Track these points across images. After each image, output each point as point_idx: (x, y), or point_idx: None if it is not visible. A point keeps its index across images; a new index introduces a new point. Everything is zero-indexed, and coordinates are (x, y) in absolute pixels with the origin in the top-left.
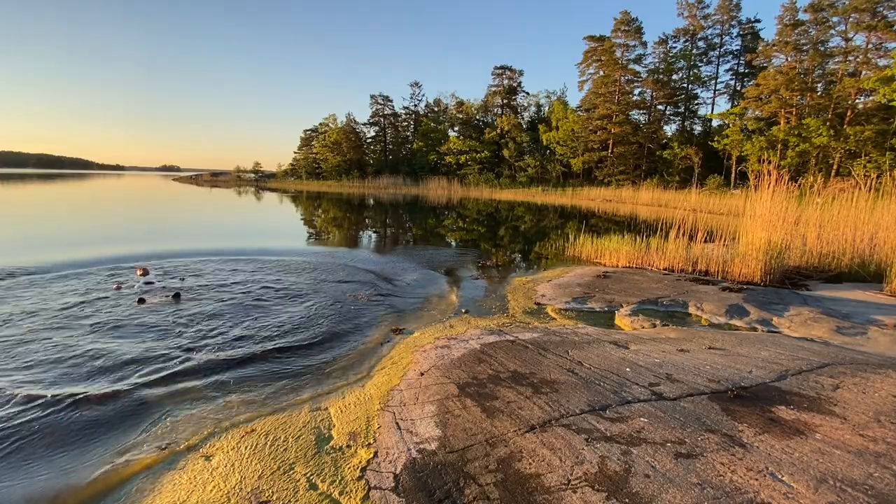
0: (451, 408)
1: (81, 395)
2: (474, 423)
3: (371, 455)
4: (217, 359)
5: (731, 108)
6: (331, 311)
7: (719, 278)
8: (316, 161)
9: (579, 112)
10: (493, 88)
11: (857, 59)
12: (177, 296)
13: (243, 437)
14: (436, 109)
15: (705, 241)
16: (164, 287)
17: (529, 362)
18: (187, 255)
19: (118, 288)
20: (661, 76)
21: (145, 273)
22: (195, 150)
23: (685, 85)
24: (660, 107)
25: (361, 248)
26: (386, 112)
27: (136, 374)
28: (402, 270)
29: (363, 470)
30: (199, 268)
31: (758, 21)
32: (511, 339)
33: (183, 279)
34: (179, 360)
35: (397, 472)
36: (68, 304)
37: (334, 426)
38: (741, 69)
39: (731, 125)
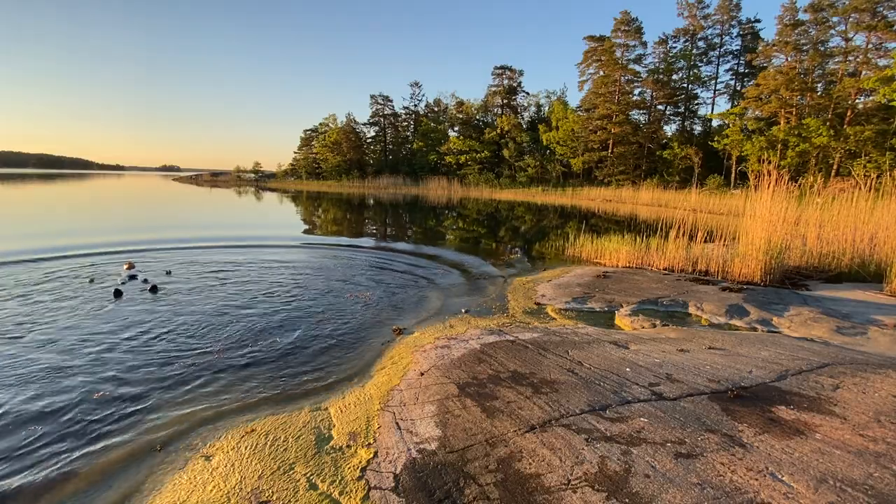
0: (451, 408)
1: (76, 396)
2: (474, 423)
3: (371, 455)
4: (215, 358)
5: (731, 108)
6: (330, 310)
7: (719, 278)
8: (316, 161)
9: (579, 112)
10: (493, 88)
11: (857, 59)
12: (153, 289)
13: (243, 437)
14: (436, 109)
15: (705, 241)
16: (145, 280)
17: (529, 362)
18: (182, 251)
19: (91, 281)
20: (661, 76)
21: (132, 267)
22: (195, 150)
23: (685, 85)
24: (660, 107)
25: (361, 248)
26: (386, 112)
27: (131, 374)
28: (401, 270)
29: (363, 470)
30: (194, 263)
31: (758, 21)
32: (511, 339)
33: (169, 272)
34: (176, 358)
35: (397, 472)
36: (52, 299)
37: (334, 426)
38: (741, 69)
39: (731, 125)
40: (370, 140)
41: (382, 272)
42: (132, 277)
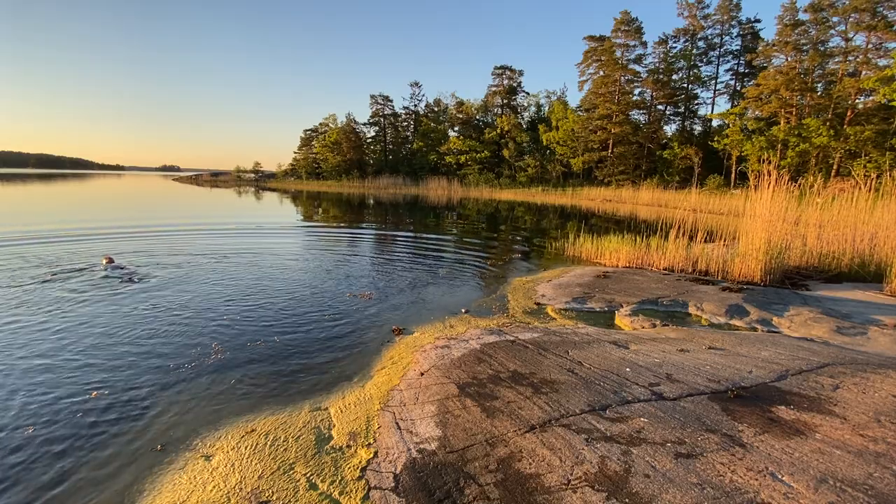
0: (451, 408)
1: (72, 395)
2: (474, 423)
3: (371, 455)
4: (213, 357)
5: (731, 108)
6: (330, 309)
7: (719, 278)
8: (316, 161)
9: (579, 112)
10: (493, 88)
11: (857, 59)
12: (133, 279)
13: (243, 436)
14: (436, 109)
15: (705, 241)
16: (130, 277)
17: (529, 362)
18: (179, 248)
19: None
20: (661, 76)
21: (111, 261)
22: (195, 150)
23: (685, 85)
24: (660, 107)
25: (361, 247)
26: (386, 112)
27: (128, 372)
28: (401, 270)
29: (363, 470)
30: (191, 261)
31: (758, 21)
32: (511, 339)
33: (167, 263)
34: (173, 357)
35: (397, 471)
36: (37, 291)
37: (334, 426)
38: (741, 69)
39: (731, 125)
40: (370, 140)
41: (382, 272)
42: (115, 270)
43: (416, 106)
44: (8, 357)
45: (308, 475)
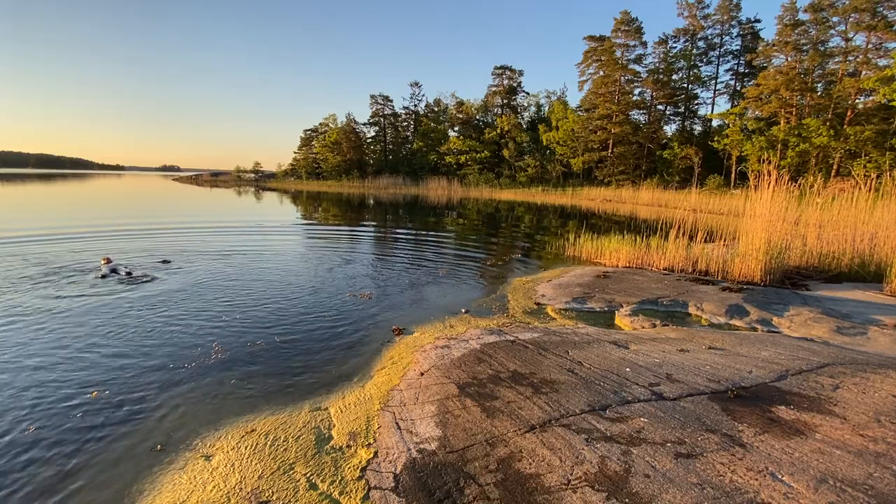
0: (451, 408)
1: (72, 396)
2: (474, 423)
3: (371, 455)
4: (215, 357)
5: (731, 108)
6: (330, 309)
7: (719, 278)
8: (316, 161)
9: (579, 112)
10: (493, 88)
11: (857, 59)
12: (129, 274)
13: (243, 436)
14: (436, 109)
15: (705, 241)
16: (129, 273)
17: (529, 362)
18: (178, 248)
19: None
20: (661, 76)
21: (109, 262)
22: (195, 150)
23: (685, 85)
24: (660, 107)
25: (361, 246)
26: (386, 112)
27: (128, 372)
28: (402, 269)
29: (363, 470)
30: (191, 261)
31: (758, 21)
32: (511, 339)
33: (168, 261)
34: (173, 357)
35: (397, 471)
36: (35, 291)
37: (334, 426)
38: (741, 69)
39: (731, 125)
40: (370, 140)
41: (382, 271)
42: (113, 271)
43: (416, 106)
44: (7, 357)
45: (308, 475)
